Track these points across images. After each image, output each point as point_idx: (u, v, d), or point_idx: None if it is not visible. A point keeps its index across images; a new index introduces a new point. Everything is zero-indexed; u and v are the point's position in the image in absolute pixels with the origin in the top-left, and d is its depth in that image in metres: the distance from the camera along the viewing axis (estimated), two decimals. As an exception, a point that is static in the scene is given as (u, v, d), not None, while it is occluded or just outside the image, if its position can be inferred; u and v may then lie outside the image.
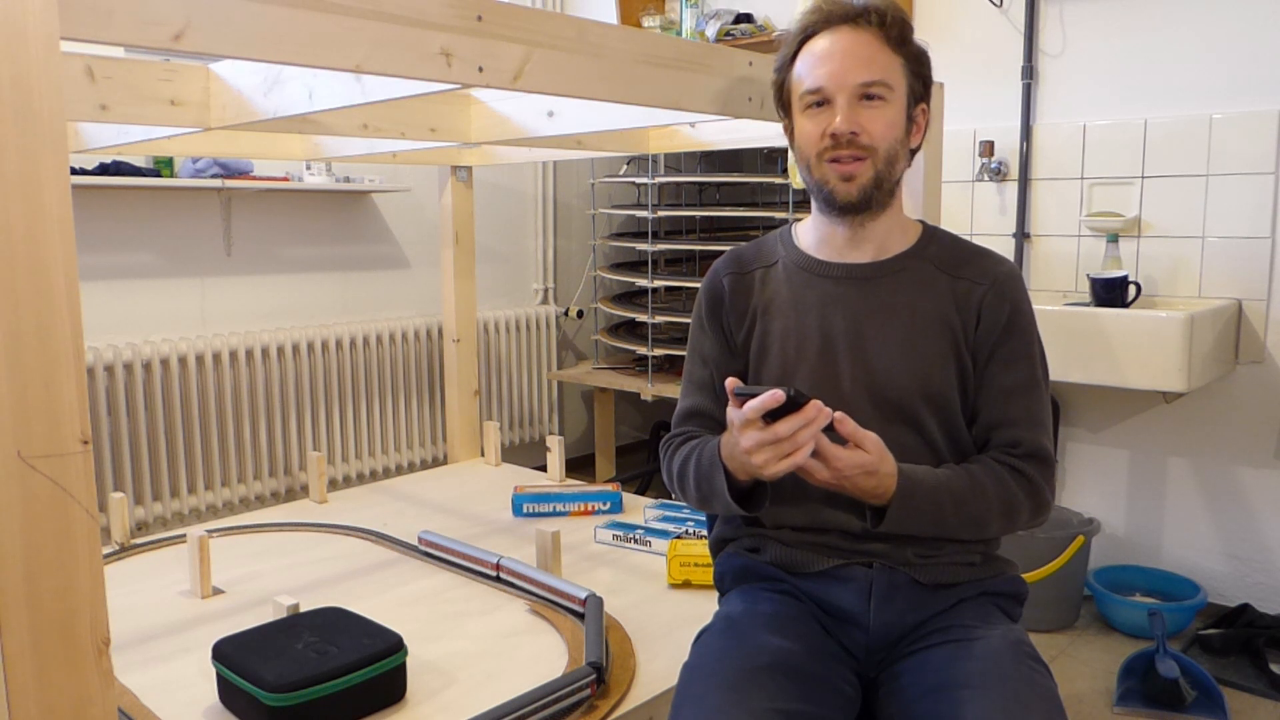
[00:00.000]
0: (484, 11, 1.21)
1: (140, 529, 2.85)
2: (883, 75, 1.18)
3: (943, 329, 1.22)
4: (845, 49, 1.19)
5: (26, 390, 0.87)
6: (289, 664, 1.51)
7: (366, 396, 3.34)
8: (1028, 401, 1.22)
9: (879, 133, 1.18)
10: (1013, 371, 1.22)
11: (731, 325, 1.31)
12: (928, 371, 1.21)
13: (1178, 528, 2.64)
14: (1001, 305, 1.22)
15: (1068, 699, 2.19)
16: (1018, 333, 1.23)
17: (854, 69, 1.18)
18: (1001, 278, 1.23)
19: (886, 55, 1.19)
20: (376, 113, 2.10)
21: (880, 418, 1.21)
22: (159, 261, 2.92)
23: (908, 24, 1.21)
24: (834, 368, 1.23)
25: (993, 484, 1.19)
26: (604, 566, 2.23)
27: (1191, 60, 2.51)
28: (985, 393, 1.23)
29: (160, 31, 1.00)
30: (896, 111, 1.20)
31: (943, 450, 1.23)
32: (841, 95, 1.18)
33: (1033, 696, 1.04)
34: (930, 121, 1.29)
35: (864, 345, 1.22)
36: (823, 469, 1.11)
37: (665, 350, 3.40)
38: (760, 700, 1.05)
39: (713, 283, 1.34)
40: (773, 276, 1.30)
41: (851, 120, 1.18)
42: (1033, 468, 1.21)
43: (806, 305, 1.26)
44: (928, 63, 1.24)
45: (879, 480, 1.13)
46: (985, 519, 1.19)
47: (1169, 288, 2.58)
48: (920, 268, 1.25)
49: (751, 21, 3.30)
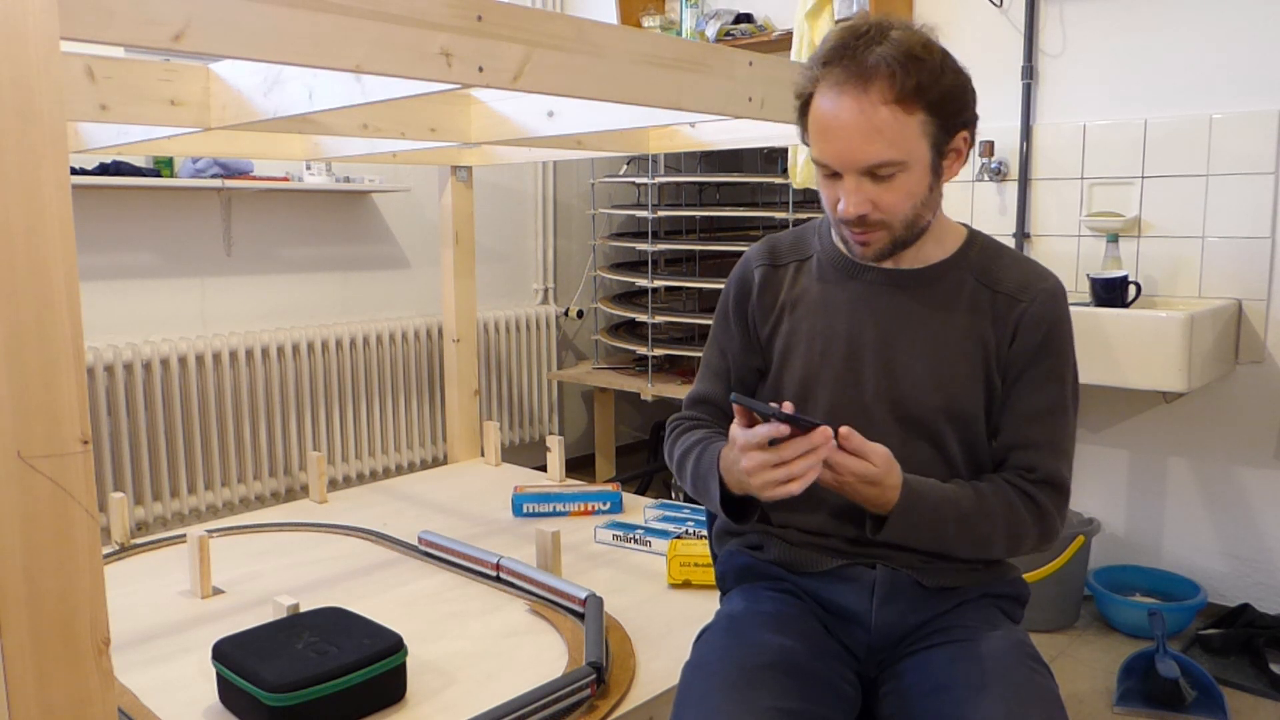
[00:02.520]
0: (484, 11, 1.21)
1: (140, 529, 2.85)
2: (891, 153, 1.07)
3: (975, 346, 1.18)
4: (849, 123, 1.06)
5: (26, 390, 0.87)
6: (289, 664, 1.51)
7: (366, 396, 3.34)
8: (1051, 426, 1.18)
9: (893, 207, 1.11)
10: (1040, 394, 1.18)
11: (757, 319, 1.28)
12: (955, 390, 1.18)
13: (1178, 528, 2.64)
14: (1039, 325, 1.17)
15: (1068, 699, 2.19)
16: (1052, 354, 1.18)
17: (859, 149, 1.07)
18: (1044, 298, 1.17)
19: (898, 123, 1.06)
20: (376, 113, 2.10)
21: (901, 431, 1.19)
22: (159, 261, 2.92)
23: (925, 62, 1.06)
24: (858, 375, 1.20)
25: (1000, 506, 1.16)
26: (604, 566, 2.23)
27: (1191, 60, 2.51)
28: (1009, 412, 1.19)
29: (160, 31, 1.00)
30: (915, 179, 1.10)
31: (960, 466, 1.21)
32: (849, 176, 1.10)
33: (1033, 697, 1.04)
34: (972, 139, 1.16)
35: (891, 356, 1.19)
36: (825, 471, 1.09)
37: (665, 350, 3.39)
38: (762, 699, 1.04)
39: (744, 273, 1.29)
40: (805, 272, 1.26)
41: (860, 203, 1.10)
42: (1045, 494, 1.17)
43: (836, 306, 1.22)
44: (960, 93, 1.10)
45: (881, 490, 1.10)
46: (989, 540, 1.16)
47: (1169, 288, 2.58)
48: (959, 278, 1.20)
49: (751, 21, 3.30)
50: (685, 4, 3.37)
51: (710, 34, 3.24)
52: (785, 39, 2.98)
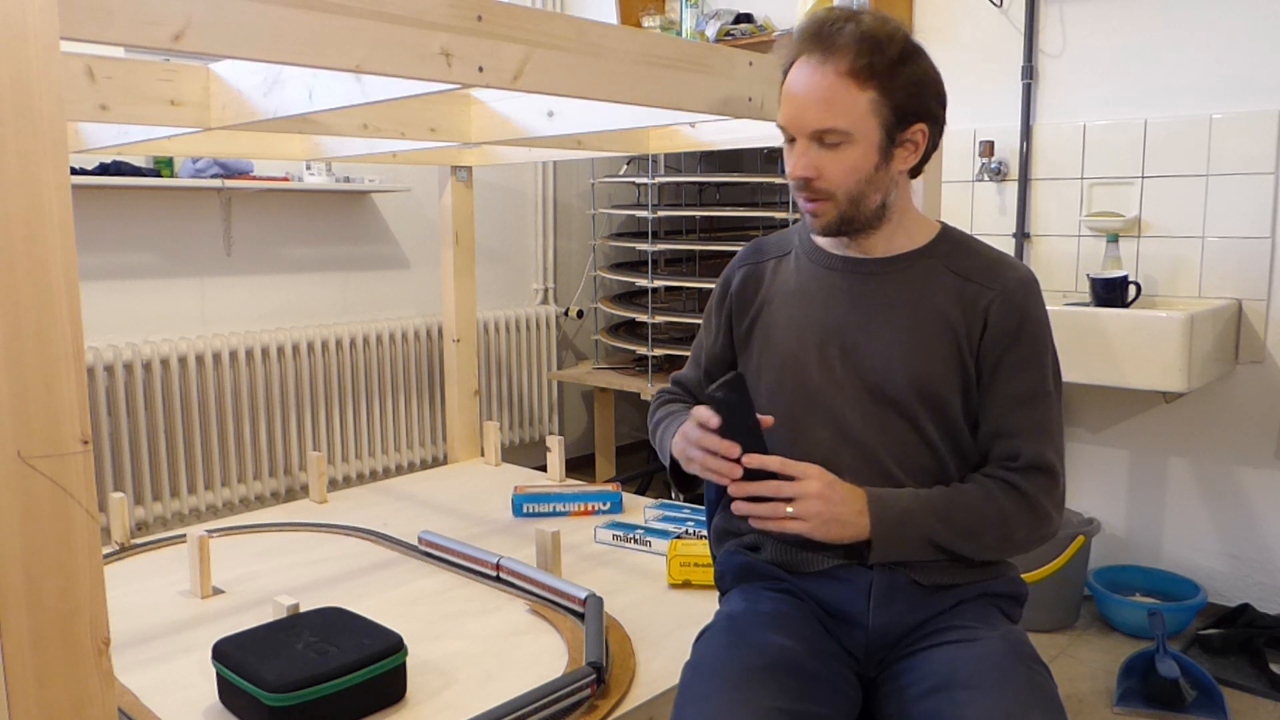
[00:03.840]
0: (484, 11, 1.22)
1: (140, 529, 2.85)
2: (837, 121, 1.13)
3: (944, 328, 1.20)
4: (804, 88, 1.14)
5: (26, 390, 0.87)
6: (289, 664, 1.51)
7: (366, 396, 3.34)
8: (1032, 412, 1.19)
9: (836, 177, 1.16)
10: (1018, 381, 1.19)
11: (735, 315, 1.35)
12: (925, 370, 1.20)
13: (1178, 528, 2.64)
14: (1011, 314, 1.19)
15: (1068, 699, 2.19)
16: (1027, 341, 1.19)
17: (809, 112, 1.14)
18: (1013, 285, 1.20)
19: (849, 94, 1.12)
20: (376, 113, 2.10)
21: (878, 414, 1.21)
22: (159, 261, 2.92)
23: (885, 49, 1.12)
24: (833, 359, 1.23)
25: (980, 498, 1.16)
26: (604, 566, 2.23)
27: (1191, 60, 2.51)
28: (989, 402, 1.20)
29: (160, 31, 1.00)
30: (860, 153, 1.15)
31: (941, 450, 1.21)
32: (800, 138, 1.17)
33: (1033, 697, 1.04)
34: (932, 139, 1.20)
35: (863, 339, 1.22)
36: (800, 523, 1.12)
37: (665, 350, 3.39)
38: (763, 699, 1.05)
39: (728, 274, 1.37)
40: (784, 266, 1.32)
41: (806, 165, 1.16)
42: (1029, 481, 1.17)
43: (812, 295, 1.27)
44: (919, 86, 1.15)
45: (849, 515, 1.13)
46: (978, 532, 1.16)
47: (1169, 288, 2.58)
48: (929, 266, 1.23)
49: (751, 21, 3.30)
50: (685, 4, 3.37)
51: (710, 34, 3.24)
52: (785, 39, 2.98)
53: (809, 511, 1.11)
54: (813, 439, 1.23)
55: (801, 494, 1.11)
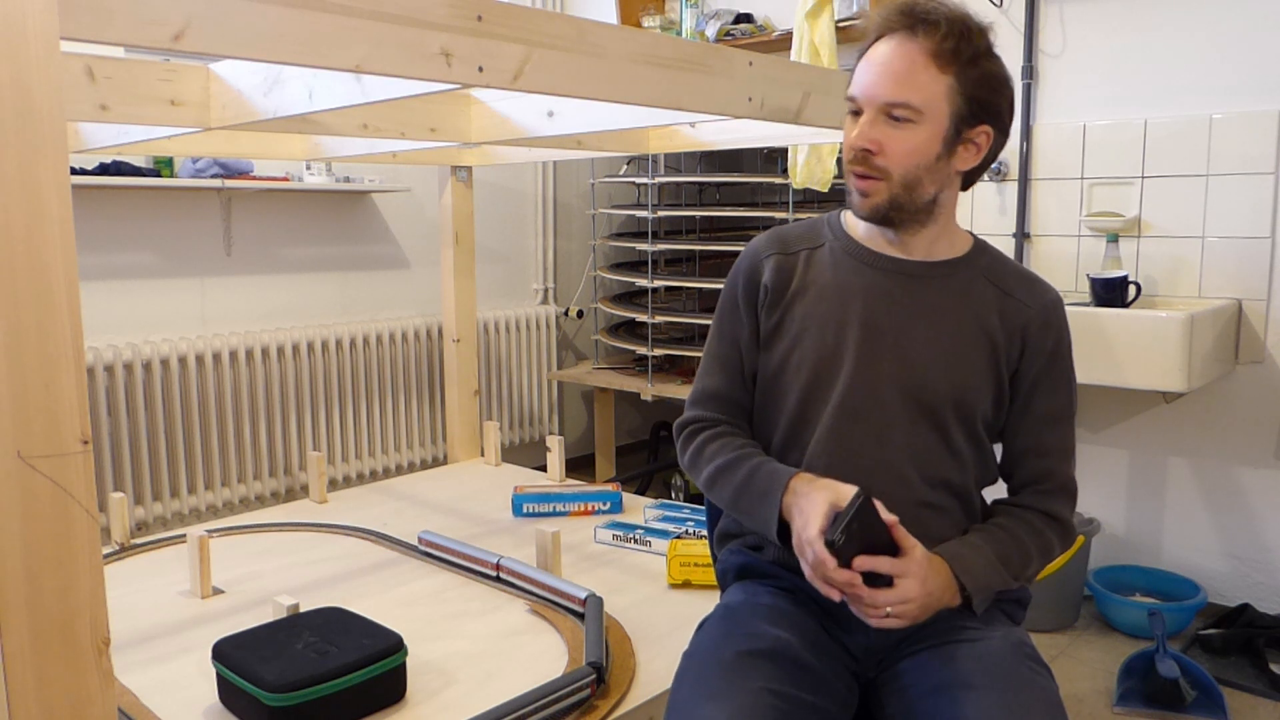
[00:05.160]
0: (484, 11, 1.21)
1: (140, 529, 2.85)
2: (911, 96, 1.12)
3: (985, 341, 1.21)
4: (884, 61, 1.13)
5: (26, 390, 0.87)
6: (289, 664, 1.51)
7: (366, 396, 3.34)
8: (1063, 431, 1.24)
9: (897, 155, 1.14)
10: (1053, 400, 1.23)
11: (767, 306, 1.26)
12: (965, 381, 1.20)
13: (1178, 528, 2.64)
14: (1048, 334, 1.22)
15: (1068, 699, 2.19)
16: (1060, 362, 1.24)
17: (884, 84, 1.12)
18: (1050, 305, 1.23)
19: (929, 74, 1.11)
20: (376, 113, 2.10)
21: (908, 417, 1.20)
22: (159, 261, 2.92)
23: (973, 39, 1.13)
24: (873, 359, 1.21)
25: (1030, 536, 1.21)
26: (604, 566, 2.23)
27: (1191, 60, 2.51)
28: (1024, 419, 1.24)
29: (160, 31, 1.00)
30: (926, 136, 1.13)
31: (964, 453, 1.22)
32: (869, 109, 1.14)
33: (1033, 697, 1.04)
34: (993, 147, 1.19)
35: (907, 343, 1.21)
36: (897, 620, 1.09)
37: (665, 350, 3.40)
38: (755, 680, 1.06)
39: (753, 263, 1.28)
40: (818, 259, 1.27)
41: (869, 137, 1.14)
42: (1062, 506, 1.23)
43: (852, 292, 1.23)
44: (996, 85, 1.15)
45: (943, 600, 1.12)
46: (1030, 563, 1.21)
47: (1169, 288, 2.58)
48: (970, 276, 1.23)
49: (751, 21, 3.30)
50: (685, 4, 3.37)
51: (710, 34, 3.24)
52: (785, 39, 2.98)
53: (907, 614, 1.09)
54: (848, 442, 1.20)
55: (902, 599, 1.07)
